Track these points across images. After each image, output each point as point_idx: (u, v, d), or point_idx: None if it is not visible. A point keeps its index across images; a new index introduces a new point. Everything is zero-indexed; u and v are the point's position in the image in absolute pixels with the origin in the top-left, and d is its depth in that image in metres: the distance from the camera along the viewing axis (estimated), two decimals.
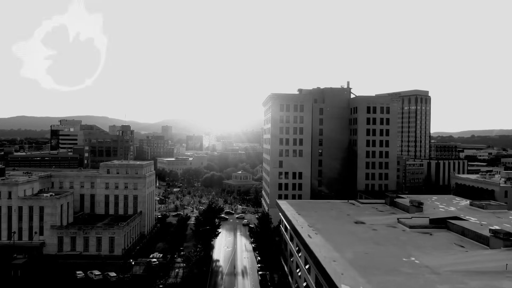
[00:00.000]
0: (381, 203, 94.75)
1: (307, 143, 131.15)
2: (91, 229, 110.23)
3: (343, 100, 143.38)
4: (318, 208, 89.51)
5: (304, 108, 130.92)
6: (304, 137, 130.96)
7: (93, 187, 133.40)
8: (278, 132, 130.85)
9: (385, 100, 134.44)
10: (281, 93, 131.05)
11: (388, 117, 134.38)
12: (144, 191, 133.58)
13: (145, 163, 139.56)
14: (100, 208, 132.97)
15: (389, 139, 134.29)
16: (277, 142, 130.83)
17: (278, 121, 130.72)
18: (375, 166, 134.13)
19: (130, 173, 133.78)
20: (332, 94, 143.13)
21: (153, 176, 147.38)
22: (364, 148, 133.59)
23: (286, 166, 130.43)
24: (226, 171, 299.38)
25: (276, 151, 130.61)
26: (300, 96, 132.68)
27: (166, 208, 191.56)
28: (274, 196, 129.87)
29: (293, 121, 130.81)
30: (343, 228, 68.63)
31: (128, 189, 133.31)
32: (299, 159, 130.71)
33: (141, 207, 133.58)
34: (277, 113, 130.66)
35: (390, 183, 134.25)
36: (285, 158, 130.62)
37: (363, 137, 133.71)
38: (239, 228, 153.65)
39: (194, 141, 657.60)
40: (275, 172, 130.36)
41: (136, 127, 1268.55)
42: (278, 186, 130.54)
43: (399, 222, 72.18)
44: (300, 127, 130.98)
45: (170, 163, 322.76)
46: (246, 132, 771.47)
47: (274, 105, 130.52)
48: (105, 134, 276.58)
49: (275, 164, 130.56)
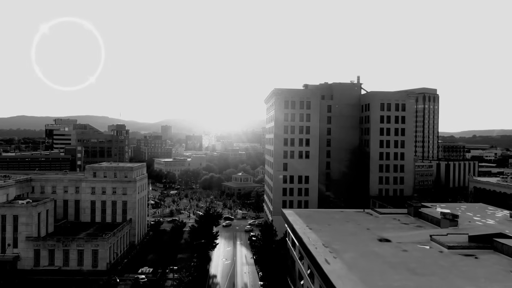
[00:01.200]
0: (403, 214, 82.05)
1: (314, 144, 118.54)
2: (72, 241, 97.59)
3: (353, 96, 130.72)
4: (330, 220, 76.85)
5: (311, 105, 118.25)
6: (311, 137, 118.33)
7: (78, 192, 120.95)
8: (282, 132, 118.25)
9: (401, 96, 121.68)
10: (285, 88, 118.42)
11: (403, 115, 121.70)
12: (135, 196, 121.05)
13: (136, 165, 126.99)
14: (85, 216, 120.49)
15: (405, 139, 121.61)
16: (281, 142, 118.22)
17: (282, 119, 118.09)
18: (390, 169, 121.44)
19: (118, 177, 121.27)
20: (341, 90, 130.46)
21: (145, 180, 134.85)
22: (377, 149, 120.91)
23: (291, 169, 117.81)
24: (226, 173, 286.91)
25: (280, 152, 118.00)
26: (306, 92, 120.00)
27: (161, 213, 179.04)
28: (278, 202, 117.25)
29: (298, 119, 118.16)
30: (367, 249, 55.96)
31: (116, 194, 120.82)
32: (305, 161, 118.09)
33: (131, 214, 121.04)
34: (281, 110, 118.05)
35: (406, 188, 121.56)
36: (289, 160, 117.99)
37: (376, 137, 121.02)
38: (239, 236, 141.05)
39: (194, 141, 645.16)
40: (279, 175, 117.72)
41: (136, 127, 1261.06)
42: (282, 192, 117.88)
43: (432, 240, 59.51)
44: (307, 126, 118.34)
45: (168, 164, 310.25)
46: (247, 132, 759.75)
47: (278, 101, 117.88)
48: (99, 133, 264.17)
49: (278, 167, 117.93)
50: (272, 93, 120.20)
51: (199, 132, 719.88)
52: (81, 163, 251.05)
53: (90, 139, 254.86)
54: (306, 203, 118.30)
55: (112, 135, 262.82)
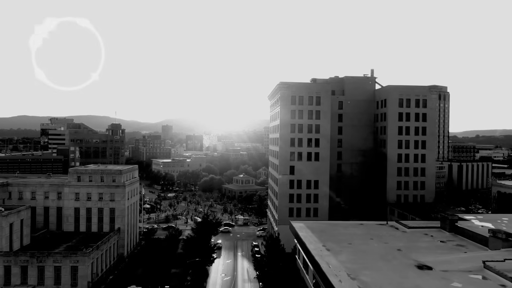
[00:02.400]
0: (436, 228, 69.02)
1: (324, 145, 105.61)
2: (48, 256, 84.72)
3: (367, 91, 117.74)
4: (350, 236, 63.87)
5: (321, 100, 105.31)
6: (321, 137, 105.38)
7: (60, 198, 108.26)
8: (288, 131, 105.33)
9: (422, 91, 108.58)
10: (292, 82, 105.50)
11: (425, 112, 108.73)
12: (123, 203, 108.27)
13: (125, 168, 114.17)
14: (68, 225, 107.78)
15: (426, 139, 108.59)
16: (287, 143, 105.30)
17: (288, 117, 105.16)
18: (409, 173, 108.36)
19: (106, 181, 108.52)
20: (353, 84, 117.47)
21: (136, 184, 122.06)
22: (395, 150, 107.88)
23: (299, 173, 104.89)
24: (227, 174, 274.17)
25: (286, 154, 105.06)
26: (315, 86, 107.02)
27: (157, 219, 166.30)
28: (284, 210, 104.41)
29: (307, 116, 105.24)
30: (407, 282, 43.00)
31: (103, 200, 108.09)
32: (314, 164, 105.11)
33: (120, 222, 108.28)
34: (287, 107, 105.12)
35: (427, 194, 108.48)
36: (297, 163, 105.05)
37: (394, 136, 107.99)
38: (240, 246, 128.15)
39: (194, 141, 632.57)
40: (285, 180, 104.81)
41: (137, 126, 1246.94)
42: (289, 198, 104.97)
43: (487, 268, 46.51)
44: (316, 124, 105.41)
45: (166, 165, 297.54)
46: (248, 131, 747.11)
47: (284, 97, 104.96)
48: (93, 133, 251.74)
49: (284, 170, 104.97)
50: (277, 88, 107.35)
51: (201, 132, 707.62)
52: (74, 164, 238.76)
53: (84, 139, 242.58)
54: (315, 211, 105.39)
55: (107, 135, 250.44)
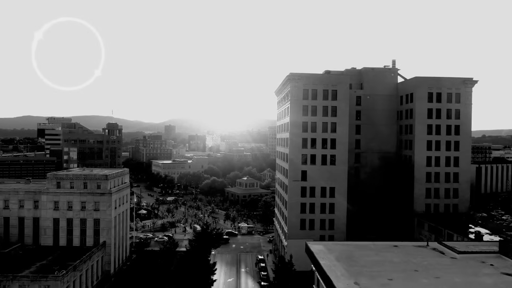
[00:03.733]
0: (493, 253, 54.16)
1: (342, 146, 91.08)
2: (13, 279, 70.74)
3: (388, 85, 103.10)
4: (387, 266, 49.18)
5: (338, 94, 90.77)
6: (337, 138, 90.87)
7: (37, 208, 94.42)
8: (299, 130, 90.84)
9: (454, 84, 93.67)
10: (304, 73, 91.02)
11: (458, 108, 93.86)
12: (110, 212, 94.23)
13: (113, 172, 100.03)
14: (46, 238, 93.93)
15: (460, 139, 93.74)
16: (298, 144, 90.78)
17: (300, 114, 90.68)
18: (440, 179, 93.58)
19: (89, 187, 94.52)
20: (373, 77, 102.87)
21: (126, 190, 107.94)
22: (424, 152, 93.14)
23: (312, 179, 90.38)
24: (230, 176, 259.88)
25: (297, 157, 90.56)
26: (331, 78, 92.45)
27: (153, 226, 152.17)
28: (295, 222, 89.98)
29: (322, 113, 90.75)
30: None
31: (86, 210, 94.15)
32: (330, 168, 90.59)
33: (105, 235, 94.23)
34: (299, 102, 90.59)
35: (461, 203, 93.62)
36: (310, 167, 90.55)
37: (422, 136, 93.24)
38: (244, 260, 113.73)
39: (197, 141, 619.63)
40: (296, 187, 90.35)
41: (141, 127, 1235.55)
42: (301, 208, 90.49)
43: None
44: (332, 122, 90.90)
45: (166, 167, 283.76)
46: (252, 132, 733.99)
47: (294, 90, 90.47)
48: (88, 133, 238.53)
49: (295, 175, 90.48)
50: (286, 80, 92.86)
51: (205, 132, 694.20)
52: (68, 166, 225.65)
53: (79, 139, 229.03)
54: (331, 223, 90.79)
55: (103, 135, 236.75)
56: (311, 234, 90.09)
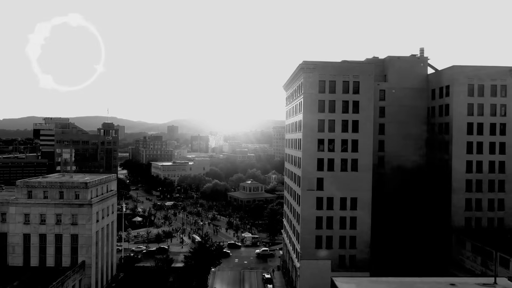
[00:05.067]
0: None
1: (365, 149, 76.24)
2: None
3: (417, 76, 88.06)
4: None
5: (361, 86, 75.91)
6: (360, 138, 76.02)
7: (4, 221, 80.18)
8: (315, 130, 76.03)
9: (499, 74, 78.37)
10: (320, 61, 76.18)
11: (504, 103, 78.66)
12: (90, 227, 79.80)
13: (95, 179, 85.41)
14: (15, 257, 79.70)
15: (507, 140, 78.49)
16: (313, 146, 75.96)
17: (315, 110, 75.88)
18: (482, 188, 78.34)
19: (66, 197, 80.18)
20: (399, 68, 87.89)
21: (112, 199, 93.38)
22: (463, 156, 77.99)
23: (330, 188, 75.56)
24: (233, 179, 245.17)
25: (311, 162, 75.74)
26: (353, 66, 77.56)
27: (147, 236, 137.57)
28: (309, 240, 75.19)
29: (341, 109, 75.94)
30: None
31: (62, 224, 79.86)
32: (352, 175, 75.73)
33: (85, 254, 79.81)
34: (314, 96, 75.79)
35: (507, 217, 78.43)
36: (327, 174, 75.69)
37: (461, 137, 78.11)
38: (248, 278, 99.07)
39: (200, 141, 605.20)
40: (310, 198, 75.50)
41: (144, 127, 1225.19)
42: (316, 223, 75.65)
43: None
44: (354, 120, 76.08)
45: (166, 169, 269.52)
46: (256, 132, 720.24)
47: (309, 82, 75.65)
48: (83, 133, 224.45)
49: (310, 183, 75.66)
50: (298, 70, 78.02)
51: (208, 132, 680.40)
52: (62, 169, 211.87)
53: (72, 140, 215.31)
54: (352, 241, 75.90)
55: (98, 135, 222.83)
56: (329, 254, 75.40)
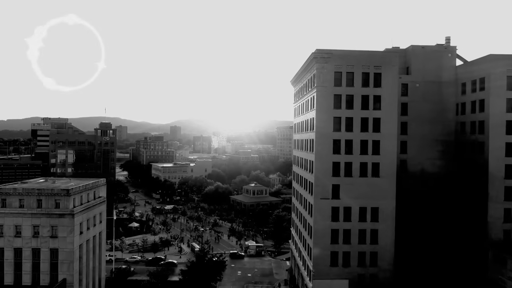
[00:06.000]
0: None
1: (388, 151, 65.98)
2: None
3: (444, 68, 77.59)
4: None
5: (383, 78, 65.69)
6: (383, 139, 65.80)
7: None
8: (330, 129, 65.79)
9: None
10: (336, 49, 65.89)
11: None
12: (72, 240, 69.86)
13: (79, 186, 75.37)
14: None
15: None
16: (327, 148, 65.66)
17: (330, 105, 65.66)
18: None
19: (45, 206, 70.28)
20: (424, 58, 77.43)
21: (100, 207, 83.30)
22: (502, 159, 67.46)
23: (347, 196, 65.24)
24: (235, 181, 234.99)
25: (326, 166, 65.47)
26: (375, 56, 67.29)
27: (143, 244, 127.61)
28: (323, 256, 64.89)
29: (360, 105, 65.73)
30: None
31: (40, 237, 69.96)
32: (372, 181, 65.45)
33: (65, 271, 69.86)
34: (329, 90, 65.53)
35: None
36: (344, 179, 65.40)
37: (499, 136, 67.60)
38: None
39: (202, 142, 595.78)
40: (325, 208, 65.20)
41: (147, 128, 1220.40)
42: (331, 237, 65.36)
43: None
44: (375, 118, 65.87)
45: (166, 170, 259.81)
46: (259, 132, 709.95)
47: (323, 73, 65.37)
48: (79, 134, 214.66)
49: (323, 191, 65.35)
50: (311, 60, 67.73)
51: (211, 133, 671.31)
52: (56, 170, 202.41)
53: (67, 140, 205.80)
54: (373, 257, 65.57)
55: (95, 136, 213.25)
56: (346, 273, 65.18)
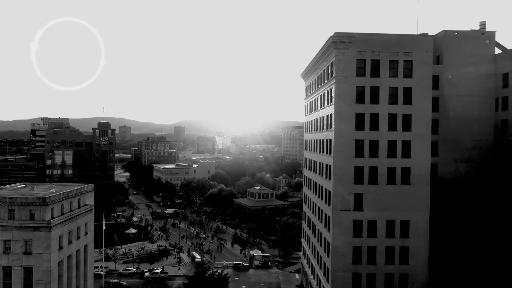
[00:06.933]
0: None
1: (421, 152, 55.51)
2: None
3: (482, 58, 66.80)
4: None
5: (415, 67, 55.20)
6: (414, 138, 55.30)
7: None
8: (351, 127, 55.29)
9: None
10: (359, 33, 55.38)
11: None
12: (49, 257, 59.91)
13: (57, 194, 65.23)
14: None
15: None
16: (348, 149, 55.15)
17: (352, 99, 55.16)
18: None
19: (18, 218, 60.47)
20: (457, 46, 66.64)
21: (85, 217, 73.18)
22: None
23: (372, 207, 54.74)
24: (240, 184, 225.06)
25: (346, 171, 54.98)
26: (405, 40, 56.70)
27: (138, 254, 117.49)
28: (344, 279, 54.65)
29: (388, 99, 55.23)
30: None
31: (12, 253, 60.16)
32: (402, 190, 54.88)
33: None
34: (351, 79, 55.04)
35: None
36: (368, 187, 54.87)
37: None
38: None
39: (206, 142, 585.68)
40: (345, 221, 54.71)
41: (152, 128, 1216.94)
42: (353, 256, 54.83)
43: None
44: (406, 114, 55.30)
45: (168, 172, 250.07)
46: (263, 133, 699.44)
47: (344, 61, 54.87)
48: (76, 134, 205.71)
49: (343, 201, 54.84)
50: (329, 45, 57.21)
51: (215, 133, 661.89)
52: (51, 172, 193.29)
53: (64, 141, 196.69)
54: (403, 280, 54.95)
55: (93, 136, 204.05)
56: None
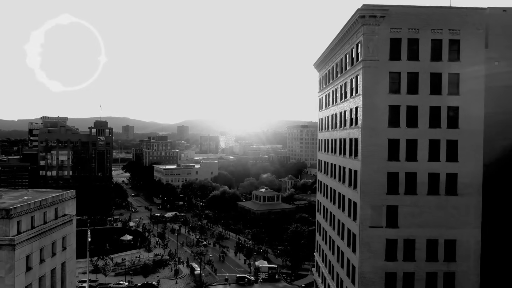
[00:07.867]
0: None
1: (471, 154, 44.38)
2: None
3: None
4: None
5: (462, 48, 44.19)
6: (463, 136, 44.30)
7: None
8: (384, 123, 44.35)
9: None
10: (393, 5, 44.39)
11: None
12: (12, 281, 49.39)
13: (24, 204, 54.57)
14: None
15: None
16: (379, 151, 44.16)
17: (384, 87, 44.18)
18: None
19: None
20: (506, 25, 55.25)
21: (64, 229, 62.29)
22: None
23: (410, 223, 43.78)
24: (244, 185, 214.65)
25: (377, 177, 43.99)
26: (451, 15, 45.64)
27: (132, 264, 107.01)
28: None
29: (429, 88, 44.14)
30: None
31: None
32: (447, 201, 43.88)
33: None
34: (382, 64, 44.02)
35: None
36: (405, 198, 43.89)
37: None
38: None
39: (209, 142, 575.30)
40: (376, 240, 43.76)
41: (155, 128, 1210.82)
42: (385, 284, 43.76)
43: None
44: (452, 107, 44.27)
45: (169, 173, 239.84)
46: (267, 132, 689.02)
47: (374, 40, 43.88)
48: (72, 133, 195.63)
49: (374, 216, 43.87)
50: (355, 21, 46.20)
51: (219, 132, 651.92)
52: (46, 173, 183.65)
53: (59, 140, 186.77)
54: None
55: (89, 135, 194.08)
56: None
